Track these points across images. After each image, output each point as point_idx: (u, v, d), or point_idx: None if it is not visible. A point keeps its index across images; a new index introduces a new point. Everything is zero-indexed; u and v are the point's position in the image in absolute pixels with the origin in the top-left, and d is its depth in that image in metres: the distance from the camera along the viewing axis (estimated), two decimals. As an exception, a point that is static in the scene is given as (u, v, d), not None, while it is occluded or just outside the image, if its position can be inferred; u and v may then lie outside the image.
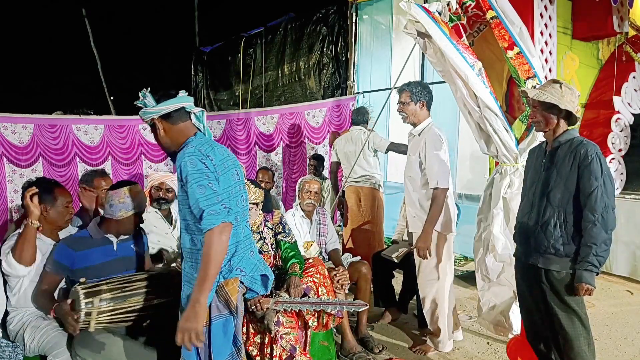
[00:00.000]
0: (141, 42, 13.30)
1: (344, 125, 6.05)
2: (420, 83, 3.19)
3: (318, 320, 2.78)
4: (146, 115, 1.94)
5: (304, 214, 3.49)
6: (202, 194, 1.75)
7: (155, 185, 3.19)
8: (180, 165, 1.82)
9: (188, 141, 1.91)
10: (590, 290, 2.17)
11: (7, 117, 4.45)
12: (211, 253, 1.74)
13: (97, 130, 4.89)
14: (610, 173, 2.20)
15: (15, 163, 4.48)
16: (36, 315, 2.35)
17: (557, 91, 2.28)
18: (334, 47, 7.09)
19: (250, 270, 1.96)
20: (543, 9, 3.93)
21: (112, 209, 2.37)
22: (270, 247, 2.92)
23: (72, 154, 4.77)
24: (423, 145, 3.05)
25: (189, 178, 1.78)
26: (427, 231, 2.98)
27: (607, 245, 2.15)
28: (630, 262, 4.76)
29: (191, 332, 1.72)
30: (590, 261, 2.13)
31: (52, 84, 13.34)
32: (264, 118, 5.95)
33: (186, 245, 1.91)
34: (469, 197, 5.28)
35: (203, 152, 1.82)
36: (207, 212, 1.74)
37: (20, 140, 4.48)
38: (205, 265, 1.74)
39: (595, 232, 2.13)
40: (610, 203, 2.15)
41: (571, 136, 2.30)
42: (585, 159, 2.18)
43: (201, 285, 1.75)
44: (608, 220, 2.13)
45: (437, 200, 2.97)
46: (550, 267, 2.27)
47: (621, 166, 5.03)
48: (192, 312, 1.73)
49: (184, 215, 1.89)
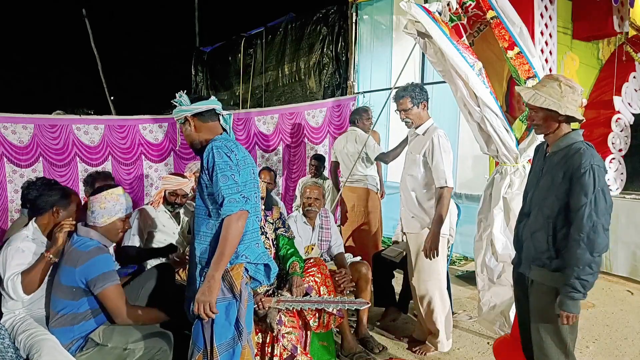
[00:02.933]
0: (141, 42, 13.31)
1: (344, 125, 6.05)
2: (416, 84, 3.17)
3: (319, 320, 2.78)
4: (181, 112, 2.14)
5: (307, 220, 3.45)
6: (224, 183, 1.96)
7: (171, 190, 3.28)
8: (207, 155, 2.01)
9: (215, 138, 2.10)
10: (572, 318, 1.97)
11: (7, 117, 4.45)
12: (228, 236, 1.95)
13: (97, 130, 4.88)
14: (605, 188, 1.93)
15: (16, 163, 4.47)
16: (24, 320, 2.33)
17: (556, 91, 2.03)
18: (334, 47, 7.09)
19: (254, 258, 2.12)
20: (543, 9, 3.94)
21: (93, 216, 2.32)
22: (272, 242, 2.92)
23: (72, 154, 4.76)
24: (430, 144, 3.02)
25: (215, 167, 1.98)
26: (435, 232, 2.95)
27: (593, 269, 1.91)
28: (630, 262, 4.75)
29: (206, 304, 1.93)
30: (572, 285, 1.92)
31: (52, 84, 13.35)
32: (264, 118, 5.94)
33: (200, 229, 2.08)
34: (469, 197, 5.28)
35: (228, 147, 2.04)
36: (227, 199, 1.95)
37: (20, 140, 4.48)
38: (222, 247, 1.95)
39: (579, 254, 1.90)
40: (601, 222, 1.89)
41: (572, 141, 2.04)
42: (577, 170, 1.93)
43: (217, 263, 1.95)
44: (595, 242, 1.89)
45: (443, 200, 2.96)
46: (535, 278, 2.14)
47: (621, 166, 5.03)
48: (207, 286, 1.94)
49: (204, 201, 2.06)
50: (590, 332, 3.54)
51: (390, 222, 5.64)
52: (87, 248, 2.25)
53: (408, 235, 3.22)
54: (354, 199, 4.52)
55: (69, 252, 2.29)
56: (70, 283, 2.23)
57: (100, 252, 2.26)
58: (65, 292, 2.24)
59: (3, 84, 12.01)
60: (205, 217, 2.07)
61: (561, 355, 2.10)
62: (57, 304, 2.27)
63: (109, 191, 2.35)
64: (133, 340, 2.23)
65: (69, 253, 2.28)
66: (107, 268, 2.25)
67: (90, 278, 2.21)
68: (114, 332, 2.27)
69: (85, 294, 2.26)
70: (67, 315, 2.25)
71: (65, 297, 2.25)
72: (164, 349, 2.24)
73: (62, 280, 2.25)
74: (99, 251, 2.26)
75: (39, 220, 2.45)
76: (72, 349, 2.24)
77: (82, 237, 2.31)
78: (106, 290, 2.22)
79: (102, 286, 2.21)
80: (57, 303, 2.27)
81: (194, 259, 2.10)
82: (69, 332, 2.25)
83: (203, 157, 2.05)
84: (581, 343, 3.36)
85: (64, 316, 2.25)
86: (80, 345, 2.27)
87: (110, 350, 2.24)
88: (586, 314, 3.89)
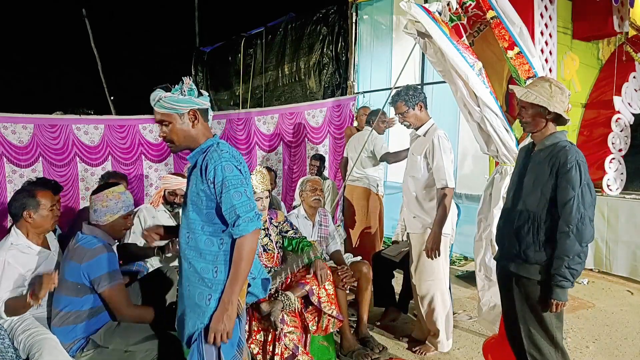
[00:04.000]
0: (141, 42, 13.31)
1: (344, 125, 6.06)
2: (410, 87, 3.17)
3: (318, 324, 2.79)
4: (188, 103, 1.88)
5: (307, 215, 3.49)
6: (239, 201, 1.80)
7: (170, 190, 3.28)
8: (214, 168, 1.81)
9: (211, 142, 1.92)
10: (561, 305, 2.09)
11: (7, 117, 4.45)
12: (243, 256, 1.80)
13: (97, 130, 4.88)
14: (590, 182, 2.07)
15: (15, 163, 4.47)
16: (24, 319, 2.32)
17: (547, 91, 2.17)
18: (334, 47, 7.09)
19: (257, 273, 2.02)
20: (543, 9, 3.94)
21: (96, 214, 2.32)
22: (275, 245, 2.93)
23: (72, 154, 4.76)
24: (430, 145, 3.03)
25: (226, 183, 1.80)
26: (436, 232, 2.97)
27: (582, 258, 2.04)
28: (630, 262, 4.75)
29: (224, 333, 1.79)
30: (562, 274, 2.03)
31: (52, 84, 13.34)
32: (264, 118, 5.95)
33: (200, 246, 1.88)
34: (469, 197, 5.28)
35: (236, 158, 1.87)
36: (242, 218, 1.79)
37: (20, 140, 4.48)
38: (237, 268, 1.80)
39: (568, 244, 2.02)
40: (588, 214, 2.02)
41: (556, 140, 2.18)
42: (563, 166, 2.06)
43: (233, 287, 1.81)
44: (583, 233, 2.01)
45: (445, 200, 2.97)
46: (520, 273, 2.21)
47: (621, 166, 5.03)
48: (225, 314, 1.79)
49: (200, 214, 1.87)
50: (590, 332, 3.54)
51: (390, 222, 5.64)
52: (93, 245, 2.26)
53: (411, 235, 3.23)
54: (352, 198, 4.54)
55: (74, 248, 2.29)
56: (75, 279, 2.24)
57: (105, 251, 2.26)
58: (70, 289, 2.25)
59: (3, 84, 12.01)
60: (203, 232, 1.87)
61: (550, 347, 2.19)
62: (61, 301, 2.27)
63: (111, 189, 2.36)
64: (134, 343, 2.23)
65: (74, 250, 2.28)
66: (111, 267, 2.25)
67: (94, 276, 2.22)
68: (114, 334, 2.27)
69: (90, 291, 2.26)
70: (70, 313, 2.25)
71: (69, 293, 2.24)
72: (164, 352, 2.24)
73: (67, 276, 2.25)
74: (104, 249, 2.27)
75: (18, 226, 2.42)
76: (73, 349, 2.24)
77: (87, 235, 2.32)
78: (110, 289, 2.23)
79: (106, 285, 2.22)
80: (61, 300, 2.27)
81: (191, 276, 1.90)
82: (72, 331, 2.25)
83: (202, 167, 1.85)
84: (581, 343, 3.36)
85: (67, 314, 2.25)
86: (81, 345, 2.27)
87: (111, 352, 2.24)
88: (586, 314, 3.89)
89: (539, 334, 2.19)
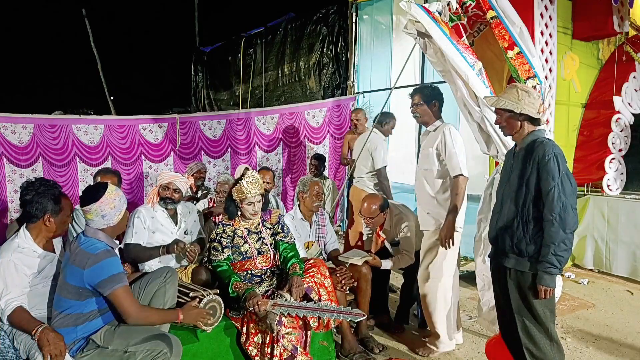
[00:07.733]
0: (141, 42, 13.32)
1: (344, 125, 6.06)
2: (432, 86, 3.25)
3: (319, 320, 2.78)
4: None
5: (303, 216, 3.48)
6: None
7: (163, 184, 3.17)
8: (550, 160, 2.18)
9: None
10: (549, 292, 2.19)
11: (7, 117, 4.45)
12: None
13: (97, 130, 4.89)
14: (569, 173, 2.20)
15: (15, 163, 4.48)
16: None
17: (514, 95, 2.32)
18: (334, 47, 7.10)
19: None
20: (543, 9, 3.93)
21: (106, 218, 2.29)
22: (270, 247, 2.92)
23: (72, 154, 4.77)
24: (442, 137, 3.07)
25: None
26: (450, 220, 2.99)
27: (567, 245, 2.15)
28: (630, 262, 4.75)
29: None
30: (549, 261, 2.14)
31: (52, 84, 13.36)
32: (264, 118, 5.95)
33: None
34: (469, 197, 5.20)
35: None
36: None
37: (20, 140, 4.48)
38: None
39: (553, 232, 2.14)
40: (569, 202, 2.14)
41: (535, 137, 2.32)
42: (542, 158, 2.19)
43: None
44: (566, 220, 2.13)
45: (458, 188, 2.99)
46: (514, 267, 2.30)
47: (621, 166, 5.03)
48: None
49: None
50: (590, 332, 3.54)
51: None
52: (96, 250, 2.23)
53: (424, 233, 3.24)
54: (355, 199, 4.52)
55: (76, 252, 2.26)
56: (76, 283, 2.21)
57: (108, 255, 2.24)
58: (71, 292, 2.22)
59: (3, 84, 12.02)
60: None
61: (546, 340, 2.28)
62: (62, 303, 2.25)
63: (108, 191, 2.33)
64: (134, 343, 2.22)
65: (76, 253, 2.25)
66: (115, 270, 2.23)
67: (98, 281, 2.19)
68: (114, 334, 2.26)
69: (92, 295, 2.24)
70: (71, 315, 2.23)
71: (70, 297, 2.22)
72: (164, 352, 2.23)
73: (68, 279, 2.22)
74: (107, 254, 2.24)
75: (30, 227, 2.37)
76: (73, 349, 2.24)
77: (90, 237, 2.29)
78: (116, 291, 2.21)
79: (112, 287, 2.20)
80: (62, 303, 2.25)
81: None
82: (72, 332, 2.24)
83: None
84: (581, 343, 3.36)
85: (67, 316, 2.23)
86: (81, 346, 2.26)
87: (111, 352, 2.23)
88: (586, 314, 3.90)
89: (535, 327, 2.28)
